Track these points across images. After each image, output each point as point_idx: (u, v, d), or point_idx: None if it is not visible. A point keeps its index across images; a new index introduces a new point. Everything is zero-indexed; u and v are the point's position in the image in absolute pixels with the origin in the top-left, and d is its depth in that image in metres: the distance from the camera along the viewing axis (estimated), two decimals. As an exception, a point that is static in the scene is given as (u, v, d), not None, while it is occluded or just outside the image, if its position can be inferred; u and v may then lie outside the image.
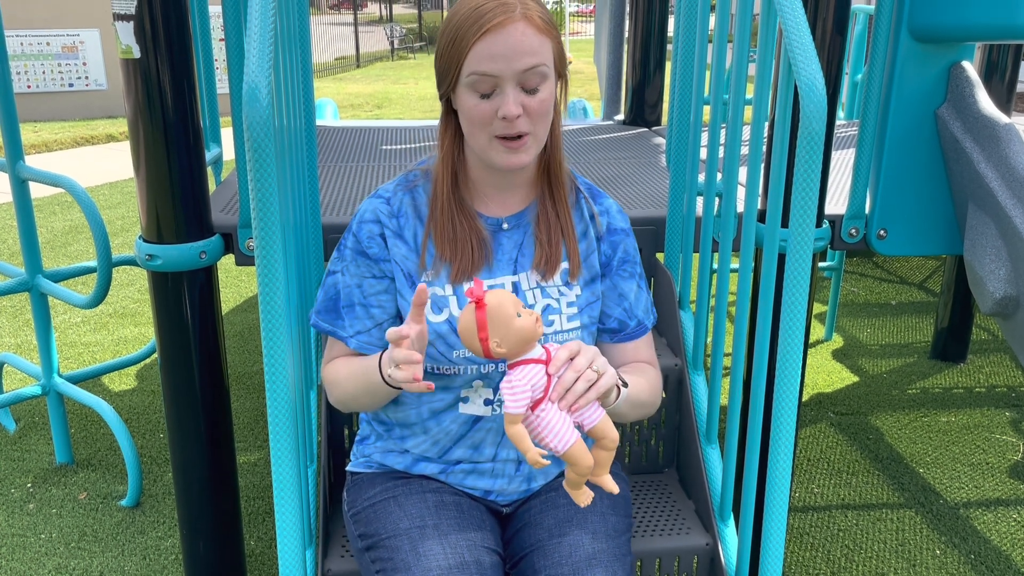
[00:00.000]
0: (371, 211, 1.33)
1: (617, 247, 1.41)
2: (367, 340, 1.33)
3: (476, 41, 1.18)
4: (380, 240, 1.32)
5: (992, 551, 2.36)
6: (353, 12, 18.94)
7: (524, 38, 1.18)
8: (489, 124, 1.22)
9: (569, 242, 1.36)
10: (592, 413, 1.13)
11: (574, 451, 1.10)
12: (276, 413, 1.19)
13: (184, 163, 1.76)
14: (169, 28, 1.68)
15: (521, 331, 1.08)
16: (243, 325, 3.98)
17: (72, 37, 9.59)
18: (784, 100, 1.29)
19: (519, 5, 1.19)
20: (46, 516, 2.49)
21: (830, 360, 3.63)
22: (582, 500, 1.17)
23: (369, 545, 1.32)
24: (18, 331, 3.87)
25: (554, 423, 1.09)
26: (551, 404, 1.10)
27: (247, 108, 1.06)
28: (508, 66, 1.18)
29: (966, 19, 1.82)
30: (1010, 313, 1.89)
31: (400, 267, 1.32)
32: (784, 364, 1.27)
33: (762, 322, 1.37)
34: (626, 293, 1.41)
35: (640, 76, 3.39)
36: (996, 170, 1.88)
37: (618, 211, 1.44)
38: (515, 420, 1.08)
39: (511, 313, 1.08)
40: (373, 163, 2.77)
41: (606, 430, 1.14)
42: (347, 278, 1.33)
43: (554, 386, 1.10)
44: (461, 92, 1.23)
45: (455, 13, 1.23)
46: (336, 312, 1.33)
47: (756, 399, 1.41)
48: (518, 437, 1.08)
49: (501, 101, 1.20)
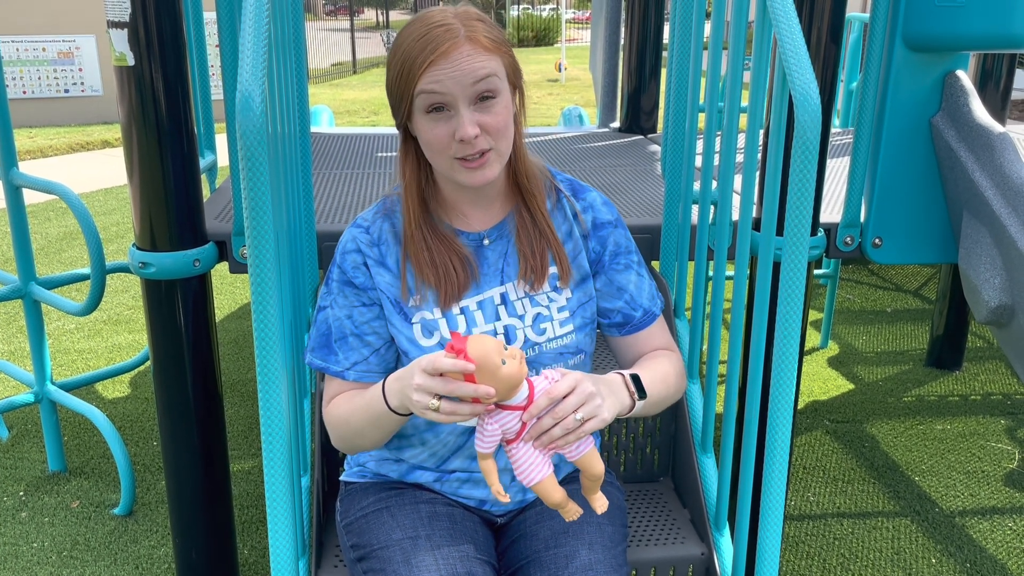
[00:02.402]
0: (351, 241, 1.32)
1: (606, 241, 1.39)
2: (365, 369, 1.32)
3: (424, 71, 1.18)
4: (364, 269, 1.31)
5: (988, 560, 2.35)
6: (350, 18, 18.98)
7: (471, 60, 1.18)
8: (448, 147, 1.22)
9: (554, 249, 1.34)
10: (576, 448, 1.13)
11: (539, 488, 1.12)
12: (269, 422, 1.18)
13: (178, 170, 1.76)
14: (163, 35, 1.67)
15: (508, 380, 1.08)
16: (238, 332, 3.97)
17: (68, 43, 9.59)
18: (779, 109, 1.29)
19: (463, 27, 1.19)
20: (38, 524, 2.47)
21: (826, 368, 3.63)
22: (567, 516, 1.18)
23: (361, 556, 1.31)
24: (11, 338, 3.85)
25: (523, 460, 1.10)
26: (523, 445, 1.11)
27: (240, 116, 1.05)
28: (458, 88, 1.18)
29: (960, 28, 1.82)
30: (1005, 322, 1.89)
31: (386, 295, 1.31)
32: (779, 372, 1.27)
33: (757, 330, 1.37)
34: (624, 286, 1.39)
35: (636, 83, 3.40)
36: (991, 179, 1.89)
37: (603, 203, 1.41)
38: (485, 457, 1.11)
39: (496, 363, 1.07)
40: (369, 170, 2.77)
41: (589, 465, 1.14)
42: (336, 311, 1.31)
43: (530, 428, 1.11)
44: (417, 118, 1.22)
45: (400, 43, 1.22)
46: (329, 347, 1.32)
47: (751, 407, 1.41)
48: (486, 472, 1.12)
49: (457, 123, 1.19)
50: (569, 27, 24.34)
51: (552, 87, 14.87)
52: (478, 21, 1.21)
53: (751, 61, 1.42)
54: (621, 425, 1.85)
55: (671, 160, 1.91)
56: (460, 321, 1.31)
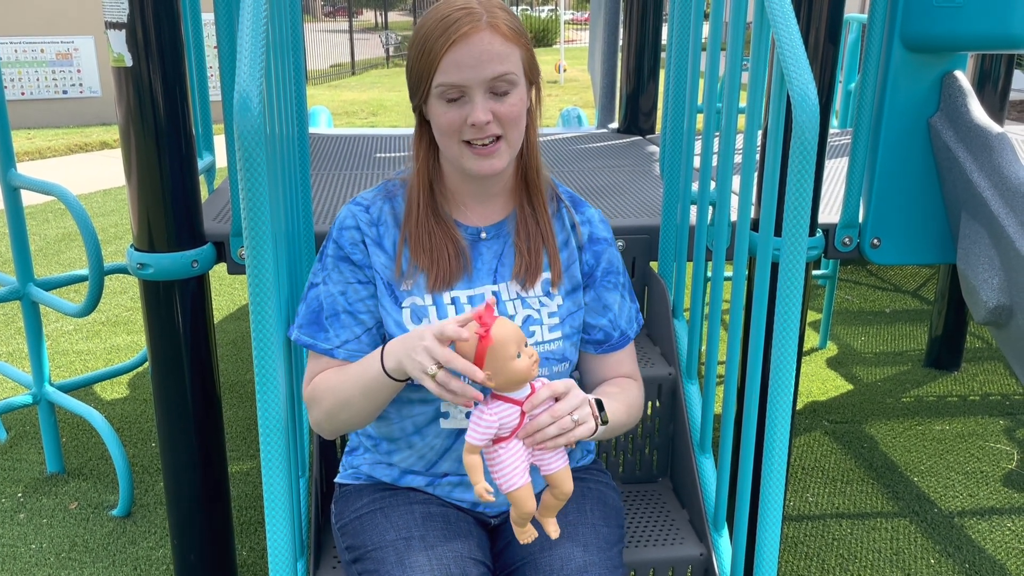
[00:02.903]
0: (351, 217, 1.32)
1: (600, 257, 1.40)
2: (356, 348, 1.30)
3: (444, 53, 1.18)
4: (362, 247, 1.31)
5: (986, 560, 2.35)
6: (348, 19, 18.98)
7: (491, 46, 1.19)
8: (459, 131, 1.23)
9: (550, 250, 1.35)
10: (553, 460, 1.13)
11: (517, 495, 1.11)
12: (267, 423, 1.18)
13: (176, 171, 1.76)
14: (162, 36, 1.67)
15: (516, 373, 1.08)
16: (236, 333, 3.97)
17: (66, 44, 9.59)
18: (777, 109, 1.29)
19: (485, 14, 1.20)
20: (36, 526, 2.47)
21: (824, 368, 3.63)
22: (523, 538, 1.17)
23: (356, 557, 1.31)
24: (9, 339, 3.85)
25: (507, 463, 1.10)
26: (513, 444, 1.10)
27: (238, 117, 1.05)
28: (475, 75, 1.19)
29: (959, 29, 1.82)
30: (1003, 322, 1.89)
31: (380, 275, 1.31)
32: (778, 372, 1.27)
33: (756, 331, 1.37)
34: (610, 304, 1.39)
35: (634, 84, 3.40)
36: (989, 179, 1.89)
37: (600, 220, 1.42)
38: (473, 450, 1.10)
39: (512, 353, 1.07)
40: (367, 171, 2.77)
41: (562, 481, 1.14)
42: (330, 287, 1.30)
43: (525, 424, 1.10)
44: (432, 103, 1.23)
45: (423, 24, 1.23)
46: (319, 324, 1.30)
47: (750, 408, 1.41)
48: (471, 467, 1.10)
49: (470, 109, 1.20)
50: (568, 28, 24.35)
51: (551, 88, 14.88)
52: (500, 9, 1.22)
53: (749, 62, 1.42)
54: (620, 426, 1.84)
55: (669, 161, 1.91)
56: (451, 312, 1.30)
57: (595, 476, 1.46)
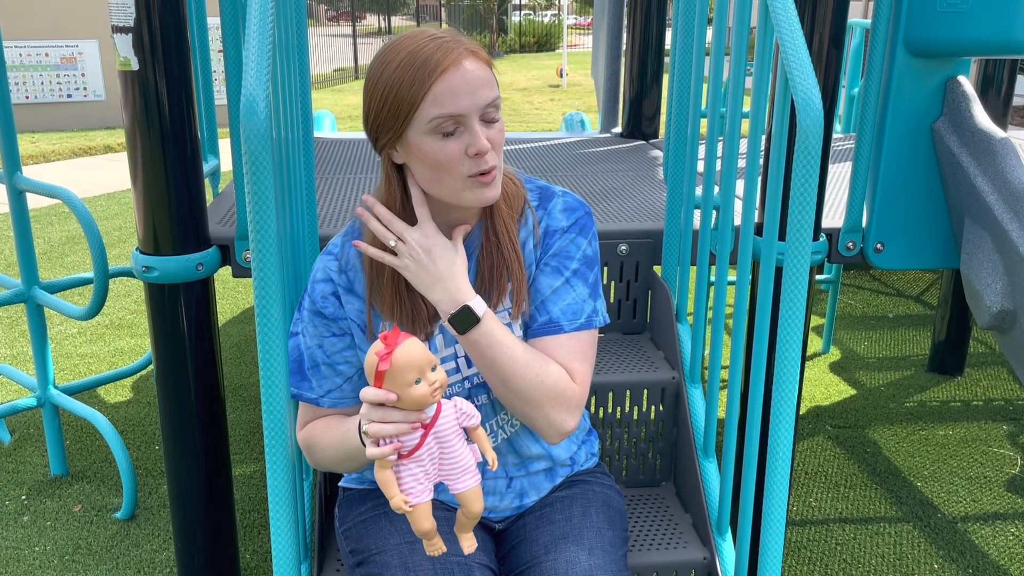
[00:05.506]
0: (322, 270, 1.29)
1: (550, 248, 1.31)
2: (339, 396, 1.31)
3: (434, 83, 1.12)
4: (334, 299, 1.28)
5: (990, 565, 2.35)
6: (352, 24, 19.01)
7: (478, 72, 1.15)
8: (459, 164, 1.17)
9: (515, 280, 1.28)
10: (460, 479, 1.11)
11: (415, 512, 1.09)
12: (272, 426, 1.18)
13: (181, 175, 1.76)
14: (168, 40, 1.68)
15: (411, 400, 1.05)
16: (240, 336, 3.97)
17: (71, 48, 9.62)
18: (781, 114, 1.29)
19: (457, 44, 1.16)
20: (40, 529, 2.47)
21: (827, 373, 3.62)
22: (431, 550, 1.14)
23: (360, 561, 1.31)
24: (14, 342, 3.86)
25: (408, 481, 1.09)
26: (412, 463, 1.09)
27: (244, 120, 1.06)
28: (472, 102, 1.14)
29: (962, 34, 1.82)
30: (1007, 327, 1.89)
31: (355, 322, 1.29)
32: (781, 377, 1.27)
33: (759, 335, 1.37)
34: (541, 288, 1.29)
35: (637, 89, 3.40)
36: (992, 184, 1.89)
37: (561, 210, 1.31)
38: (384, 466, 1.08)
39: (409, 380, 1.04)
40: (371, 175, 2.78)
41: (469, 500, 1.11)
42: (308, 339, 1.30)
43: (423, 450, 1.08)
44: (418, 140, 1.16)
45: (389, 62, 1.15)
46: (302, 374, 1.30)
47: (753, 412, 1.41)
48: (383, 483, 1.08)
49: (470, 138, 1.15)
50: (571, 32, 24.37)
51: (554, 92, 14.89)
52: (464, 37, 1.19)
53: (753, 67, 1.43)
54: (623, 430, 1.85)
55: (673, 165, 1.91)
56: (438, 341, 1.29)
57: (599, 479, 1.46)
